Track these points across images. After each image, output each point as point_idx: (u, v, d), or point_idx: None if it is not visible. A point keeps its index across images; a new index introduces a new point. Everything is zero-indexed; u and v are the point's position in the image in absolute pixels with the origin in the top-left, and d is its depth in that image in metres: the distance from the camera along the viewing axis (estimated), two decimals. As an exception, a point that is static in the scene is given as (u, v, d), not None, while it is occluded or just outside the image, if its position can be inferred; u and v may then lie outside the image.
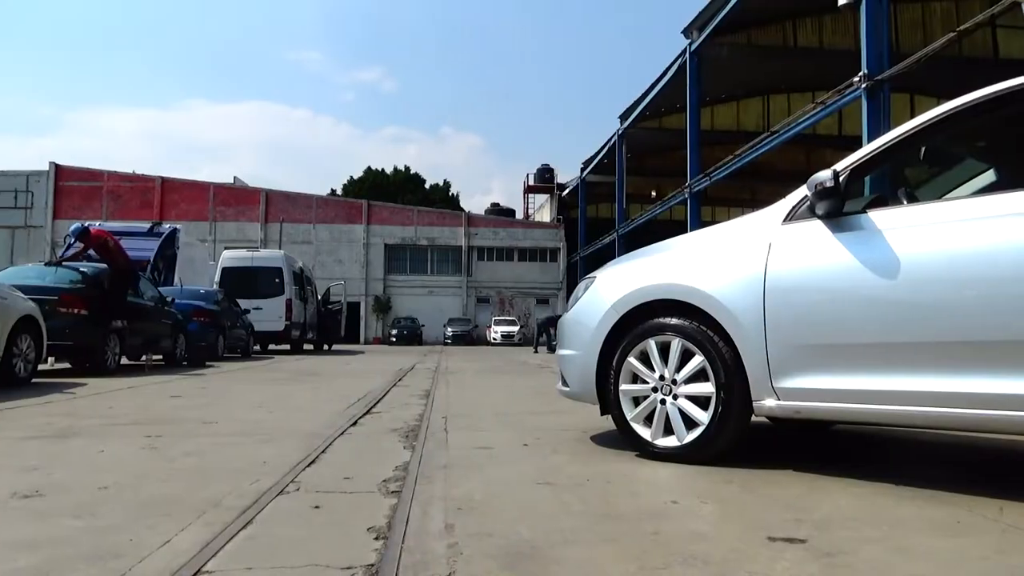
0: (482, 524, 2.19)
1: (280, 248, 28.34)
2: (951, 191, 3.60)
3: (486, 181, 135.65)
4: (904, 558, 1.88)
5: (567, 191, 45.28)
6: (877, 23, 13.62)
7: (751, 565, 1.81)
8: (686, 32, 23.37)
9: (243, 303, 16.44)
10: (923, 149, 3.20)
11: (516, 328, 36.94)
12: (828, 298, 2.81)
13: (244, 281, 18.51)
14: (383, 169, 58.58)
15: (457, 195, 60.93)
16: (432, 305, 42.12)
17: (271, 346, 19.69)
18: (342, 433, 4.06)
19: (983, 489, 2.64)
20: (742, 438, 3.14)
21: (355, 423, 4.51)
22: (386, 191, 52.09)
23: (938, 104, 2.86)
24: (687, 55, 23.40)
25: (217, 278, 18.70)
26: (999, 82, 2.72)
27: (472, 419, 4.84)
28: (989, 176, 3.64)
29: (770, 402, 2.92)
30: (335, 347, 23.71)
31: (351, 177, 58.37)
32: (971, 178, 3.66)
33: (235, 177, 46.15)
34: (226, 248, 24.19)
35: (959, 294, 2.52)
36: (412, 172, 58.81)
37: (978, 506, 2.40)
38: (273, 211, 41.64)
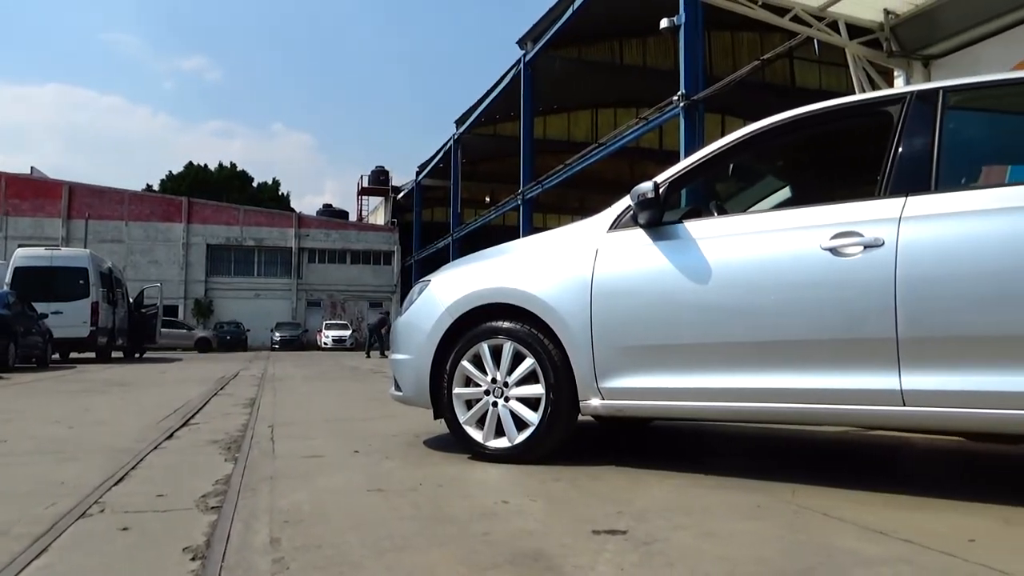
0: (310, 536, 2.11)
1: (86, 247, 25.82)
2: (754, 204, 3.97)
3: (319, 181, 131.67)
4: (712, 542, 2.03)
5: (402, 194, 44.94)
6: (693, 48, 14.71)
7: (577, 558, 1.88)
8: (521, 43, 24.02)
9: (40, 307, 14.82)
10: (731, 165, 3.50)
11: (348, 332, 36.08)
12: (648, 302, 2.99)
13: (42, 282, 16.67)
14: (206, 165, 55.13)
15: (287, 195, 58.61)
16: (259, 309, 40.15)
17: (73, 354, 17.87)
18: (155, 447, 3.76)
19: (778, 475, 2.92)
20: (569, 437, 3.26)
21: (171, 436, 4.20)
22: (210, 188, 49.02)
23: (744, 125, 3.14)
24: (522, 65, 24.04)
25: (8, 279, 16.69)
26: (795, 108, 3.04)
27: (301, 427, 4.66)
28: (786, 192, 4.04)
29: (595, 402, 3.05)
30: (148, 354, 21.98)
31: (170, 172, 54.40)
32: (771, 193, 4.05)
33: (32, 168, 41.59)
34: (20, 246, 21.67)
35: (763, 298, 2.77)
36: (239, 169, 55.81)
37: (774, 491, 2.65)
38: (78, 206, 37.86)
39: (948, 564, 1.84)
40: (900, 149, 2.69)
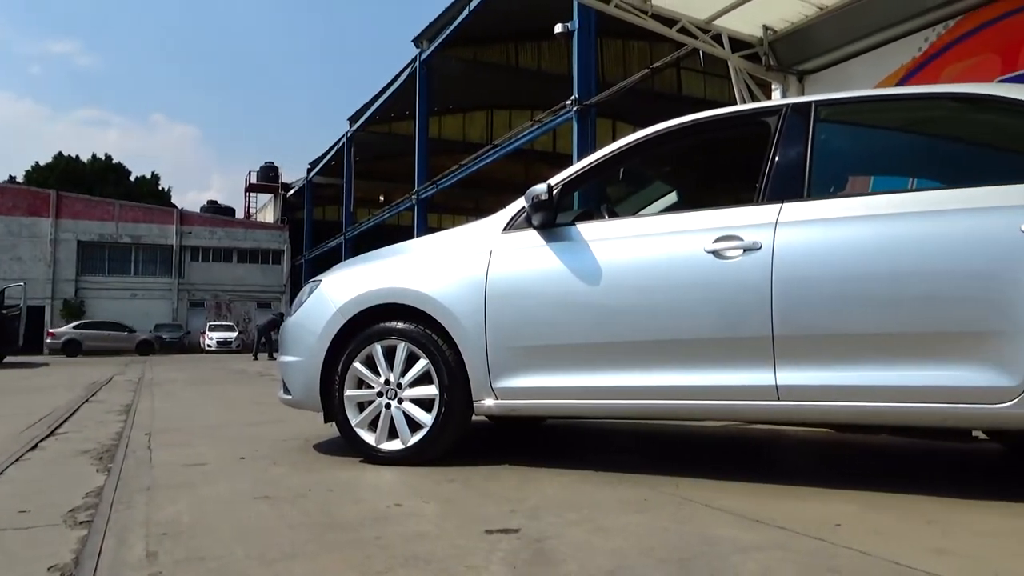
0: (191, 548, 2.01)
1: (-64, 242, 23.57)
2: (643, 208, 4.10)
3: (204, 177, 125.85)
4: (602, 536, 2.08)
5: (292, 192, 43.60)
6: (586, 54, 15.05)
7: (470, 559, 1.88)
8: (417, 41, 23.84)
9: None
10: (622, 170, 3.60)
11: (234, 334, 34.63)
12: (541, 302, 3.03)
13: None
14: (78, 156, 51.45)
15: (168, 190, 55.55)
16: (136, 309, 37.86)
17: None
18: (17, 459, 3.49)
19: (664, 469, 3.03)
20: (463, 437, 3.26)
21: (35, 447, 3.90)
22: (82, 181, 45.75)
23: (634, 131, 3.24)
24: (417, 64, 23.86)
25: None
26: (682, 116, 3.16)
27: (182, 434, 4.44)
28: (673, 197, 4.20)
29: (489, 402, 3.07)
30: (9, 359, 20.34)
31: (36, 163, 50.46)
32: (659, 197, 4.19)
33: None
34: None
35: (650, 299, 2.86)
36: (114, 162, 52.47)
37: (660, 484, 2.74)
38: (-74, 197, 34.57)
39: (817, 548, 1.96)
40: (777, 158, 2.85)
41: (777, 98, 7.03)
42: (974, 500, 2.49)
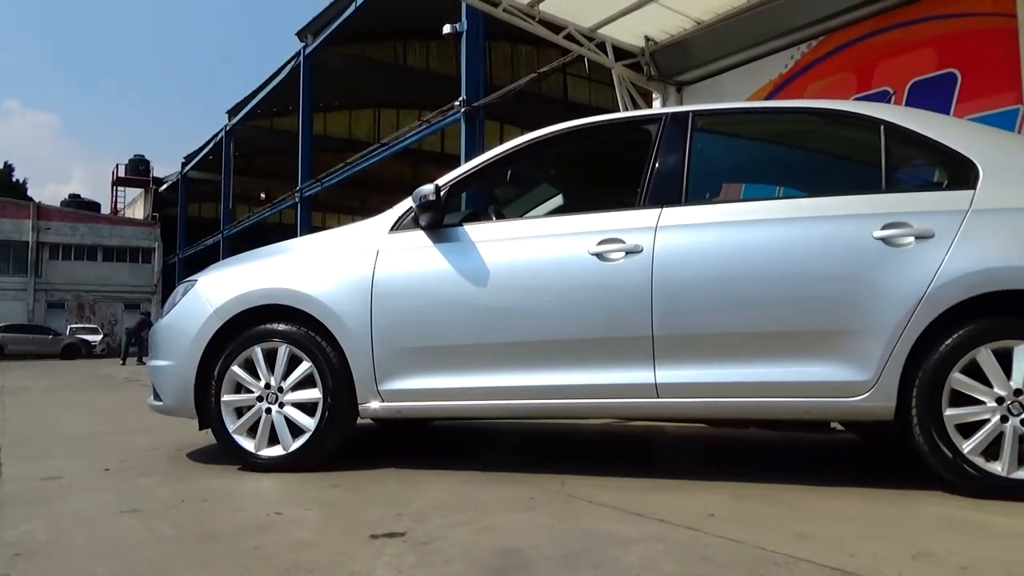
0: (47, 569, 1.86)
1: None
2: (530, 210, 4.15)
3: (64, 168, 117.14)
4: (489, 535, 2.09)
5: (165, 187, 41.25)
6: (474, 56, 15.11)
7: (354, 565, 1.84)
8: (301, 35, 23.16)
9: None
10: (510, 172, 3.63)
11: (99, 337, 32.42)
12: (428, 303, 3.01)
13: None
14: (-85, 142, 46.67)
15: (24, 182, 51.42)
16: (-15, 310, 34.76)
17: None
18: None
19: (549, 467, 3.08)
20: (348, 441, 3.19)
21: None
22: (-80, 169, 41.60)
23: (522, 134, 3.28)
24: (301, 58, 23.18)
25: None
26: (567, 121, 3.23)
27: (38, 445, 4.11)
28: (559, 200, 4.28)
29: (375, 404, 3.02)
30: None
31: None
32: (546, 200, 4.27)
33: None
34: None
35: (536, 300, 2.90)
36: (-41, 149, 47.89)
37: (545, 482, 2.79)
38: None
39: (692, 538, 2.05)
40: (657, 164, 2.96)
41: (658, 107, 7.31)
42: (833, 487, 2.68)
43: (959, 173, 2.70)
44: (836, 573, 1.75)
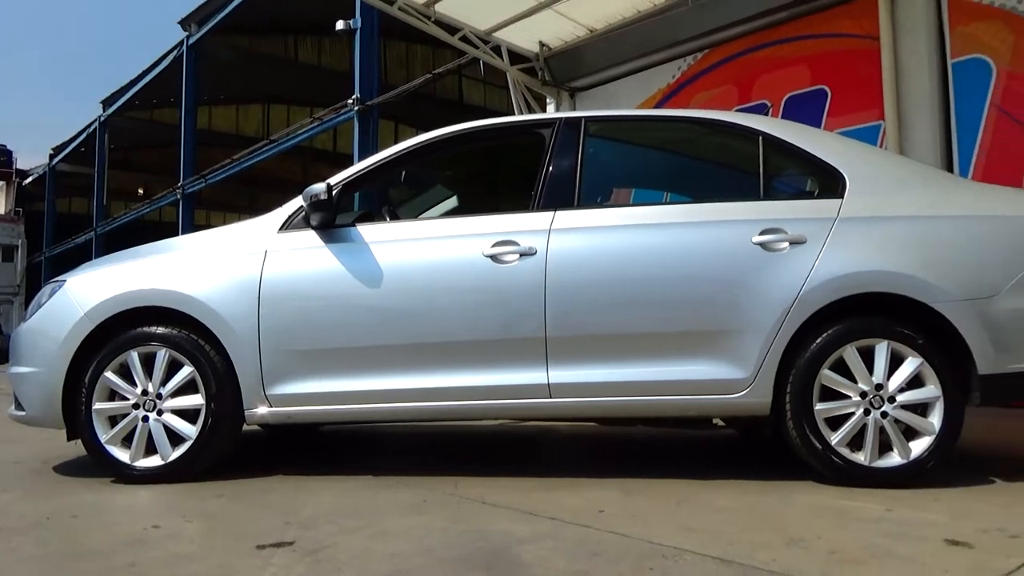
0: None
1: None
2: (425, 211, 4.13)
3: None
4: (382, 541, 2.06)
5: (31, 180, 38.28)
6: (368, 53, 14.86)
7: (238, 578, 1.77)
8: (184, 24, 22.06)
9: None
10: (404, 172, 3.59)
11: (-46, 341, 29.73)
12: (319, 305, 2.94)
13: None
14: None
15: None
16: None
17: None
18: None
19: (443, 470, 3.07)
20: (234, 448, 3.06)
21: None
22: None
23: (417, 135, 3.25)
24: (184, 48, 22.09)
25: None
26: (462, 123, 3.23)
27: None
28: (453, 201, 4.28)
29: (263, 410, 2.91)
30: None
31: None
32: (440, 201, 4.26)
33: None
34: None
35: (430, 302, 2.89)
36: None
37: (439, 485, 2.77)
38: None
39: (583, 534, 2.09)
40: (551, 168, 3.01)
41: (552, 111, 7.44)
42: (715, 480, 2.80)
43: (828, 183, 2.89)
44: (717, 562, 1.83)
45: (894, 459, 2.61)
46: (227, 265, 2.99)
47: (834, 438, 2.62)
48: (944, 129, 5.15)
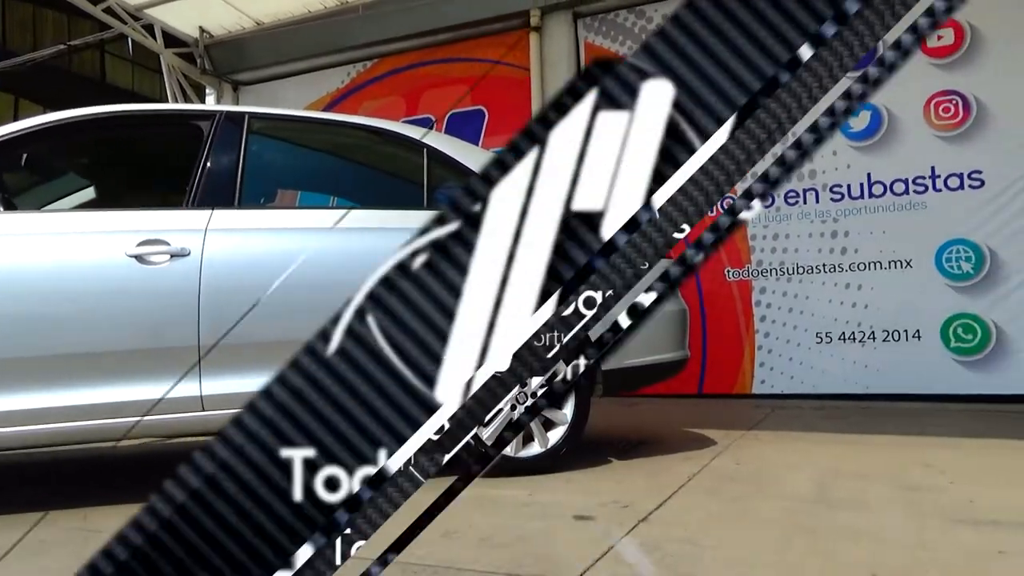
0: None
1: None
2: (52, 203, 3.57)
3: None
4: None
5: None
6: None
7: None
8: None
9: None
10: (26, 156, 3.06)
11: None
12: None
13: None
14: None
15: None
16: None
17: None
18: None
19: (69, 501, 2.67)
20: None
21: None
22: None
23: (44, 113, 2.79)
24: None
25: None
26: (104, 104, 2.85)
27: None
28: (90, 193, 3.76)
29: None
30: None
31: None
32: (73, 192, 3.71)
33: None
34: None
35: (61, 307, 2.49)
36: None
37: (64, 519, 2.40)
38: None
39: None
40: (209, 164, 2.80)
41: (212, 103, 6.96)
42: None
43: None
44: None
45: (534, 448, 2.90)
46: None
47: (484, 433, 2.83)
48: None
